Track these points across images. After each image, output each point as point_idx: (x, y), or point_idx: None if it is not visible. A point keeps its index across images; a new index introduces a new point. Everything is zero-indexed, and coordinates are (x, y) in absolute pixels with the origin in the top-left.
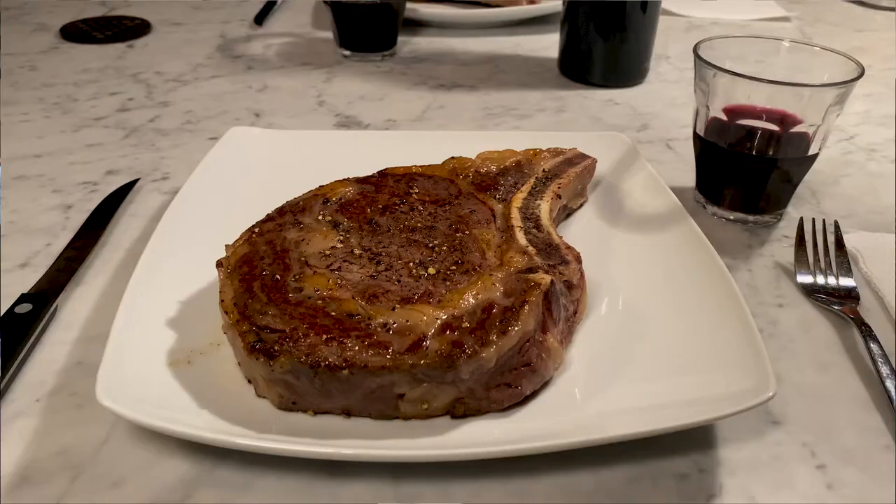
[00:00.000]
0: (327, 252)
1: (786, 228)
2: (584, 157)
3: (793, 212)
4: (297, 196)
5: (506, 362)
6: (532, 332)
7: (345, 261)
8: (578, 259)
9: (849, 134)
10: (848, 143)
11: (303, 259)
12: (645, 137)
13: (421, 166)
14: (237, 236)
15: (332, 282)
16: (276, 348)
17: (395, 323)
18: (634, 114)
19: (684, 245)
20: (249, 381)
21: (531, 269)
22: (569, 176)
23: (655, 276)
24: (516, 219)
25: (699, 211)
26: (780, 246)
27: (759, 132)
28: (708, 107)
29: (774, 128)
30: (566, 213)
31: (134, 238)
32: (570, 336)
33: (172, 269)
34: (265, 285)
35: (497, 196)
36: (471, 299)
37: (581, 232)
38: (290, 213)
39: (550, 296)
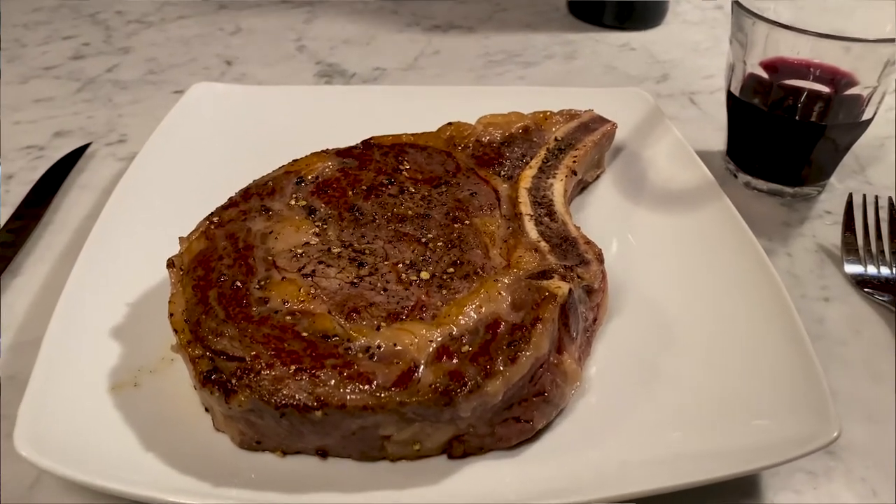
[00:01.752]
0: (299, 250)
1: (828, 202)
2: (601, 121)
3: (836, 183)
4: (266, 173)
5: (515, 394)
6: (546, 356)
7: (320, 262)
8: (600, 258)
9: None
10: None
11: (270, 258)
12: (665, 90)
13: (412, 134)
14: (199, 217)
15: (305, 291)
16: (233, 382)
17: (380, 347)
18: (653, 62)
19: (718, 230)
20: (207, 409)
21: (544, 273)
22: (585, 146)
23: (686, 270)
24: (525, 204)
25: (728, 180)
26: (823, 224)
27: (806, 94)
28: (745, 62)
29: (824, 89)
30: (581, 186)
31: (82, 216)
32: (589, 348)
33: (122, 261)
34: (223, 295)
35: (502, 173)
36: (472, 313)
37: (598, 212)
38: (257, 197)
39: (568, 308)
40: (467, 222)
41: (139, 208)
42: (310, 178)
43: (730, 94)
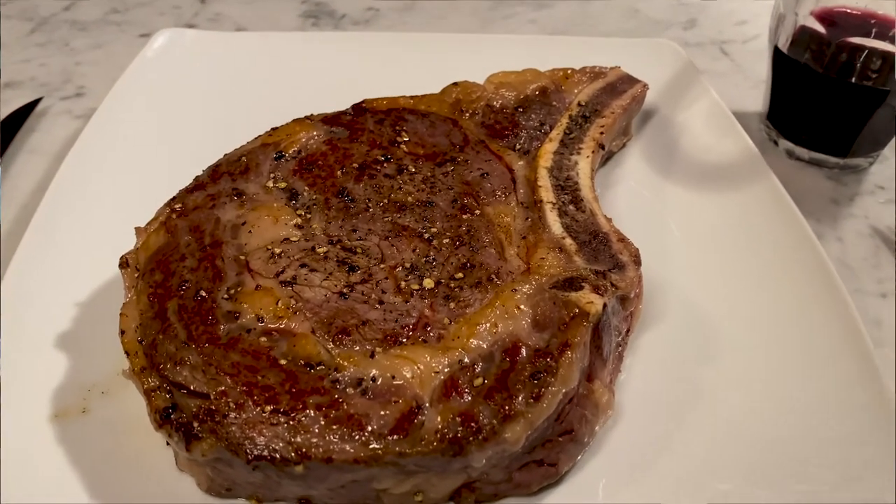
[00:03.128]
0: (277, 249)
1: (879, 175)
2: (630, 81)
3: (887, 153)
4: (241, 144)
5: (538, 436)
6: (575, 388)
7: (303, 265)
8: (637, 260)
9: None
10: None
11: (242, 258)
12: (692, 38)
13: (412, 97)
14: (163, 194)
15: (284, 304)
16: (196, 426)
17: (375, 379)
18: (677, 4)
19: (764, 215)
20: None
21: (572, 282)
22: (613, 113)
23: (728, 264)
24: (546, 189)
25: (767, 147)
26: (875, 202)
27: (866, 53)
28: (796, 13)
29: (889, 48)
30: (605, 157)
31: (31, 188)
32: (620, 364)
33: (71, 251)
34: (185, 308)
35: (517, 146)
36: (486, 334)
37: (625, 190)
38: (228, 177)
39: (601, 328)
40: (478, 212)
41: (94, 183)
42: (291, 152)
43: (776, 51)
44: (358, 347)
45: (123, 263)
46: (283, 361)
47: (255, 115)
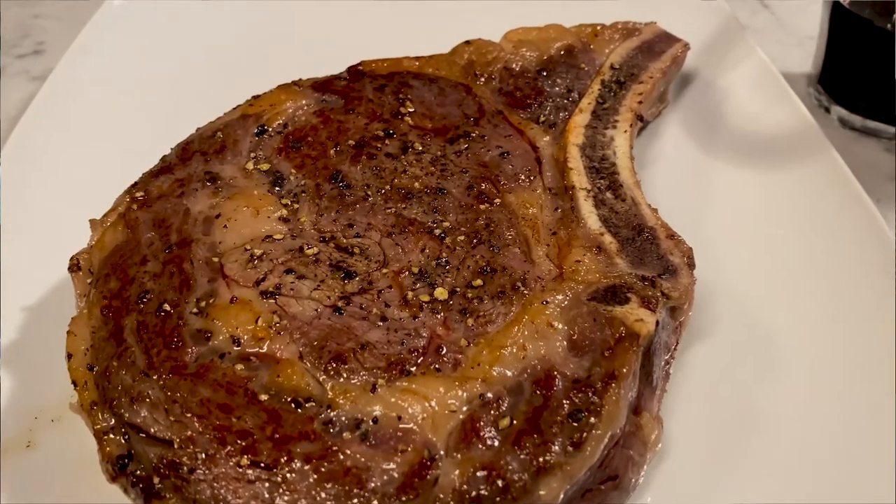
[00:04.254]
0: (258, 250)
1: None
2: (667, 39)
3: None
4: (215, 118)
5: (577, 488)
6: (622, 428)
7: (288, 270)
8: (691, 262)
9: None
10: None
11: (216, 261)
12: None
13: (417, 58)
14: (126, 175)
15: (265, 321)
16: (156, 481)
17: (376, 421)
18: None
19: (826, 199)
20: None
21: (615, 292)
22: (651, 77)
23: (787, 260)
24: (578, 172)
25: (816, 114)
26: None
27: None
28: None
29: None
30: (637, 128)
31: None
32: (666, 383)
33: (17, 247)
34: (145, 326)
35: (541, 118)
36: (513, 361)
37: (663, 169)
38: (200, 157)
39: (652, 350)
40: (498, 201)
41: (46, 162)
42: (275, 126)
43: (834, 4)
44: (356, 379)
45: (74, 266)
46: (263, 397)
47: (233, 81)
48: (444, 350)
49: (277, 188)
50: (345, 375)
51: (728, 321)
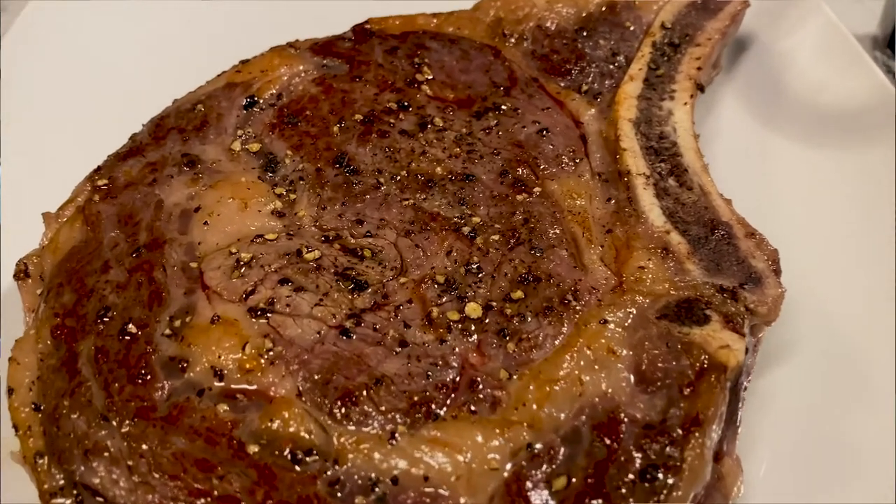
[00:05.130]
0: (246, 255)
1: None
2: None
3: None
4: (195, 88)
5: None
6: (705, 481)
7: (284, 280)
8: (776, 267)
9: None
10: None
11: (194, 267)
12: None
13: (434, 15)
14: (87, 157)
15: (255, 349)
16: None
17: (396, 480)
18: None
19: None
20: None
21: (691, 308)
22: (710, 38)
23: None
24: (633, 153)
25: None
26: None
27: None
28: None
29: None
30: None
31: None
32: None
33: None
34: (105, 353)
35: (584, 86)
36: (567, 400)
37: (719, 148)
38: (177, 135)
39: (739, 383)
40: (537, 189)
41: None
42: (267, 97)
43: None
44: (370, 425)
45: (21, 272)
46: (253, 449)
47: (218, 43)
48: (480, 385)
49: (270, 174)
50: (355, 420)
51: (809, 338)
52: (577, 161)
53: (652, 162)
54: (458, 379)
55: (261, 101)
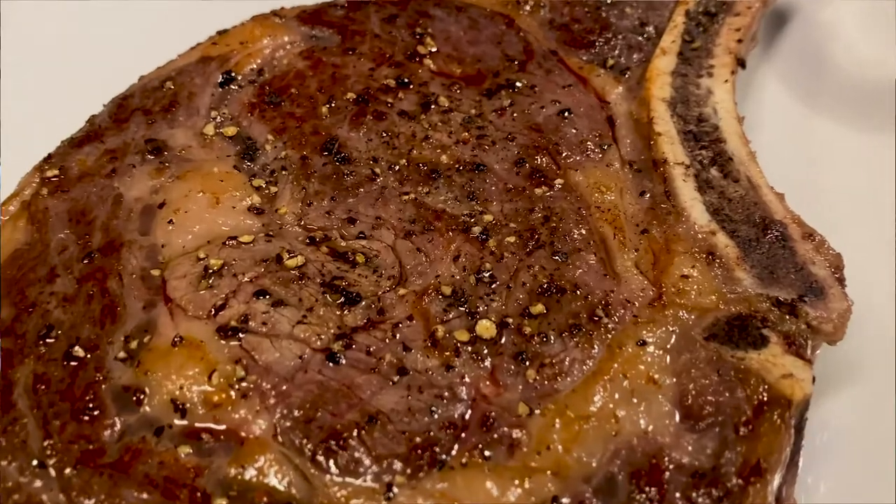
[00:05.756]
0: (216, 261)
1: None
2: None
3: None
4: (164, 63)
5: None
6: None
7: (260, 292)
8: (840, 275)
9: None
10: None
11: (156, 276)
12: None
13: None
14: (36, 144)
15: (223, 377)
16: None
17: None
18: None
19: None
20: None
21: (744, 326)
22: (749, 6)
23: None
24: (669, 138)
25: None
26: None
27: None
28: None
29: None
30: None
31: None
32: None
33: None
34: (45, 382)
35: (609, 60)
36: (600, 440)
37: (762, 130)
38: (142, 117)
39: (803, 421)
40: (559, 182)
41: None
42: (246, 72)
43: None
44: (361, 474)
45: None
46: (220, 502)
47: (192, 10)
48: (495, 422)
49: (248, 163)
50: (344, 468)
51: (874, 356)
52: (605, 148)
53: (691, 149)
54: (468, 415)
55: (239, 77)
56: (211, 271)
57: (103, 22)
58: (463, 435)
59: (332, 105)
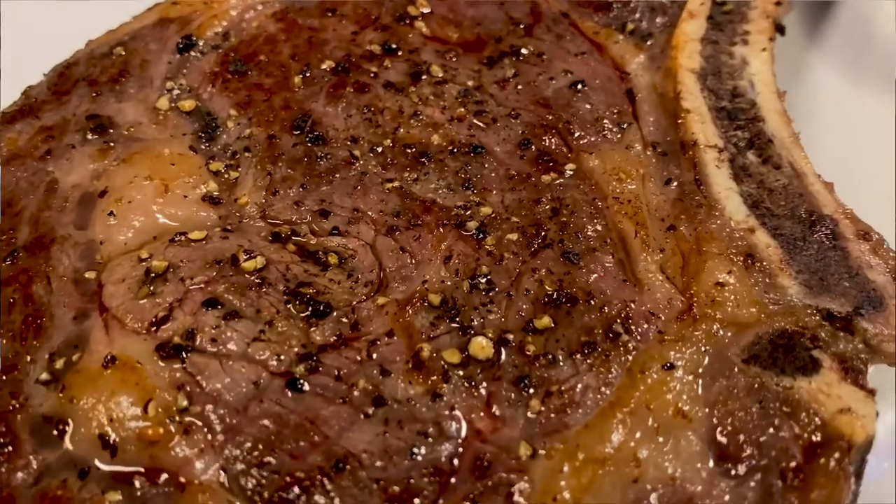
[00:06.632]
0: (160, 262)
1: None
2: None
3: None
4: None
5: None
6: None
7: (210, 302)
8: None
9: None
10: None
11: (91, 280)
12: None
13: None
14: None
15: (162, 408)
16: None
17: None
18: None
19: None
20: None
21: (791, 346)
22: None
23: None
24: (699, 116)
25: None
26: None
27: None
28: None
29: None
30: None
31: None
32: None
33: None
34: None
35: (629, 25)
36: (619, 488)
37: (805, 111)
38: (87, 88)
39: (864, 462)
40: (571, 167)
41: None
42: (209, 37)
43: None
44: None
45: None
46: None
47: None
48: (490, 466)
49: (206, 143)
50: None
51: None
52: (624, 126)
53: (725, 129)
54: (457, 457)
55: (201, 42)
56: (154, 275)
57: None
58: (451, 482)
59: (307, 75)
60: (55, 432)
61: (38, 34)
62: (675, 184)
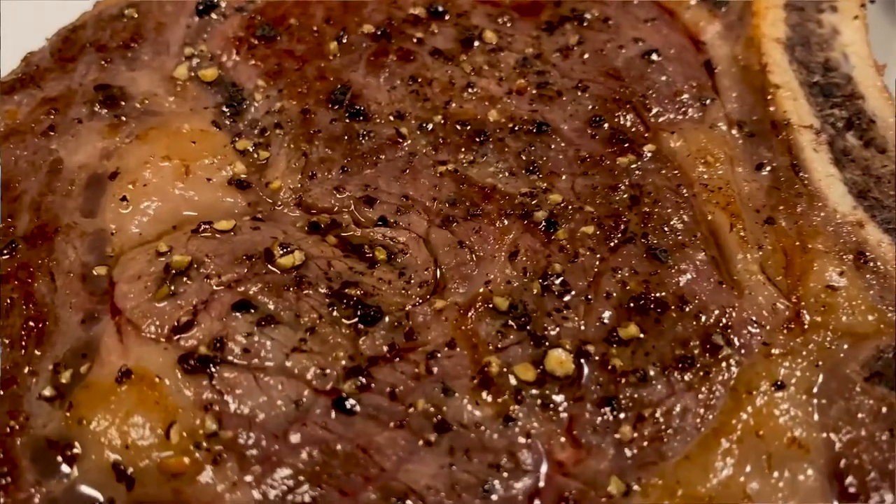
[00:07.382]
0: (181, 258)
1: None
2: None
3: None
4: None
5: None
6: None
7: (241, 304)
8: None
9: None
10: None
11: (101, 276)
12: None
13: None
14: None
15: (188, 434)
16: None
17: None
18: None
19: None
20: None
21: None
22: None
23: None
24: (790, 92)
25: None
26: None
27: None
28: None
29: None
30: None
31: None
32: None
33: None
34: None
35: None
36: None
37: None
38: (94, 55)
39: None
40: (649, 148)
41: None
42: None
43: None
44: None
45: None
46: None
47: None
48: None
49: (231, 118)
50: None
51: None
52: (706, 103)
53: (820, 108)
54: (538, 496)
55: (223, 3)
56: (174, 272)
57: None
58: None
59: (344, 41)
60: (61, 459)
61: None
62: (768, 169)
